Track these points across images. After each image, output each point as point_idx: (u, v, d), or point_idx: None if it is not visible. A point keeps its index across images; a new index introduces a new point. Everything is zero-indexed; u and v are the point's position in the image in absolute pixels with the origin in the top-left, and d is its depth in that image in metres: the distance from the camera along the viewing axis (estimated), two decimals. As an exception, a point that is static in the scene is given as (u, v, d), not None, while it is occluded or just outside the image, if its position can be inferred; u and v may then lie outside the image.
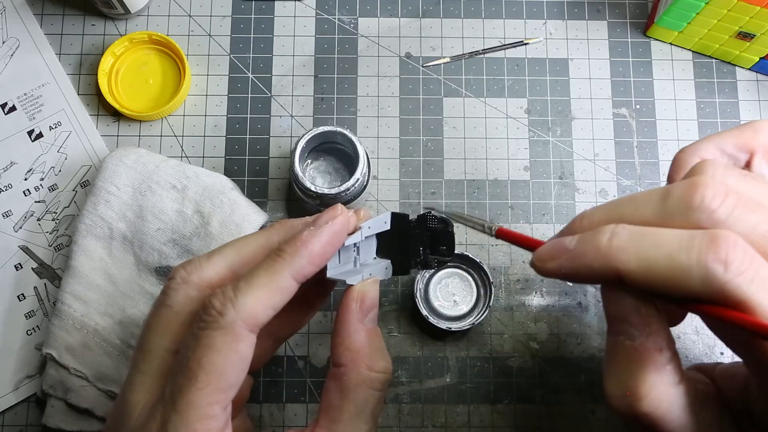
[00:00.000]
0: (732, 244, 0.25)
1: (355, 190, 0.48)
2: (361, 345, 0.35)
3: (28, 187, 0.54)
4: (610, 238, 0.27)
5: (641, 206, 0.28)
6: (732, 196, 0.26)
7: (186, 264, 0.34)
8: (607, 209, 0.29)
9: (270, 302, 0.32)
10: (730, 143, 0.32)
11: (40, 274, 0.53)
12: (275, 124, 0.56)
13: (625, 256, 0.26)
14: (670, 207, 0.27)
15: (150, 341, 0.33)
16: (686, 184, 0.27)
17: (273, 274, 0.32)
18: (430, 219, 0.38)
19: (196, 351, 0.30)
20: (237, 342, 0.30)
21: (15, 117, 0.55)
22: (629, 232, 0.27)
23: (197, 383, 0.30)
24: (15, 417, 0.51)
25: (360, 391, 0.34)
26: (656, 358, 0.28)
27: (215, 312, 0.30)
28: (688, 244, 0.25)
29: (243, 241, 0.36)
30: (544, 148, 0.55)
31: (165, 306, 0.33)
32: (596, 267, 0.27)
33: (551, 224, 0.54)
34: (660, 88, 0.57)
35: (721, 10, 0.51)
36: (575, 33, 0.58)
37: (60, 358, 0.48)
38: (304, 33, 0.57)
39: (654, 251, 0.26)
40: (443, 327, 0.49)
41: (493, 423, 0.51)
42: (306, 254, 0.33)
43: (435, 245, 0.38)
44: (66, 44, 0.57)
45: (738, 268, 0.24)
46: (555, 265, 0.29)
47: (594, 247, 0.27)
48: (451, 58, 0.57)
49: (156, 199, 0.50)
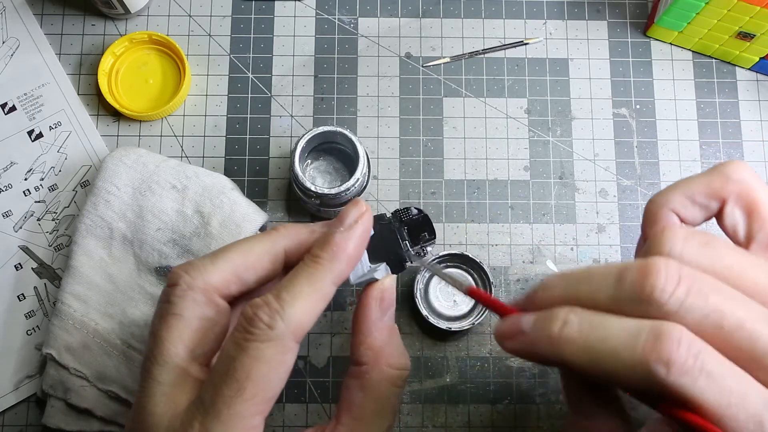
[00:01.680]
0: (675, 343, 0.24)
1: (355, 190, 0.48)
2: (382, 343, 0.35)
3: (28, 187, 0.54)
4: (561, 327, 0.27)
5: (596, 288, 0.27)
6: (685, 282, 0.25)
7: (188, 268, 0.33)
8: (566, 285, 0.28)
9: (314, 311, 0.32)
10: (700, 192, 0.30)
11: (40, 274, 0.53)
12: (275, 124, 0.56)
13: (572, 348, 0.26)
14: (623, 294, 0.26)
15: (164, 352, 0.32)
16: (638, 270, 0.26)
17: (315, 282, 0.32)
18: (402, 212, 0.38)
19: (245, 362, 0.30)
20: (285, 353, 0.30)
21: (15, 117, 0.55)
22: (579, 323, 0.26)
23: (244, 394, 0.29)
24: (15, 417, 0.51)
25: (382, 388, 0.34)
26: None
27: (263, 325, 0.30)
28: (633, 342, 0.25)
29: (247, 245, 0.35)
30: (544, 148, 0.55)
31: (174, 315, 0.33)
32: (548, 355, 0.27)
33: (551, 224, 0.54)
34: (660, 88, 0.57)
35: (721, 10, 0.51)
36: (575, 33, 0.58)
37: (60, 358, 0.48)
38: (304, 33, 0.57)
39: (601, 347, 0.25)
40: (443, 327, 0.49)
41: (493, 423, 0.51)
42: (344, 258, 0.33)
43: (416, 235, 0.38)
44: (66, 44, 0.57)
45: (681, 368, 0.24)
46: (512, 346, 0.29)
47: (546, 335, 0.27)
48: (451, 58, 0.57)
49: (156, 199, 0.50)
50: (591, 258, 0.54)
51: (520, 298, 0.31)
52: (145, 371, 0.33)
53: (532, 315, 0.29)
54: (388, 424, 0.34)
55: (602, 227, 0.54)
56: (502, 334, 0.30)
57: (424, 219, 0.39)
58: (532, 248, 0.54)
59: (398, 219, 0.38)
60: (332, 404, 0.51)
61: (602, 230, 0.54)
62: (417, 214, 0.38)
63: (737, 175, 0.30)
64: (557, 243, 0.54)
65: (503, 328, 0.30)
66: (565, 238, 0.54)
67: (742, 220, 0.29)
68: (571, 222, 0.54)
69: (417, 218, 0.38)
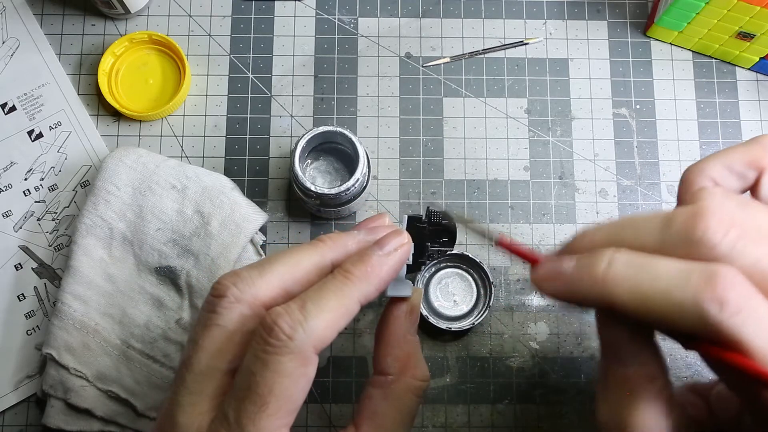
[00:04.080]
0: (729, 283, 0.24)
1: (355, 190, 0.48)
2: (408, 356, 0.36)
3: (28, 187, 0.54)
4: (607, 266, 0.26)
5: (643, 232, 0.27)
6: (735, 228, 0.25)
7: (236, 280, 0.32)
8: (608, 231, 0.28)
9: (337, 325, 0.31)
10: (739, 160, 0.30)
11: (40, 274, 0.53)
12: (275, 124, 0.56)
13: (620, 289, 0.26)
14: (671, 236, 0.26)
15: (201, 361, 0.32)
16: (689, 213, 0.26)
17: (342, 298, 0.31)
18: (435, 215, 0.38)
19: (266, 376, 0.29)
20: (306, 366, 0.30)
21: (15, 117, 0.55)
22: (626, 262, 0.26)
23: (268, 410, 0.29)
24: (15, 417, 0.51)
25: (405, 399, 0.35)
26: (648, 388, 0.27)
27: (284, 336, 0.30)
28: (685, 281, 0.25)
29: (295, 258, 0.34)
30: (544, 148, 0.55)
31: (217, 326, 0.32)
32: (592, 295, 0.27)
33: (551, 224, 0.54)
34: (660, 88, 0.57)
35: (721, 10, 0.51)
36: (575, 33, 0.58)
37: (60, 358, 0.48)
38: (304, 33, 0.57)
39: (650, 285, 0.25)
40: (443, 327, 0.49)
41: (493, 423, 0.51)
42: (376, 281, 0.33)
43: (438, 237, 0.38)
44: (66, 44, 0.57)
45: (734, 308, 0.24)
46: (551, 288, 0.29)
47: (590, 274, 0.27)
48: (451, 58, 0.57)
49: (156, 199, 0.50)
50: (591, 258, 0.54)
51: (556, 251, 0.30)
52: (179, 378, 0.32)
53: (574, 256, 0.28)
54: None
55: (602, 227, 0.54)
56: (541, 276, 0.29)
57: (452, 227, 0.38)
58: (533, 248, 0.54)
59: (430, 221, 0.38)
60: (332, 404, 0.51)
61: (602, 230, 0.54)
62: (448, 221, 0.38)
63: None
64: (557, 243, 0.54)
65: (542, 271, 0.29)
66: (565, 238, 0.54)
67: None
68: (571, 222, 0.54)
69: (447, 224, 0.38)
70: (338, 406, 0.51)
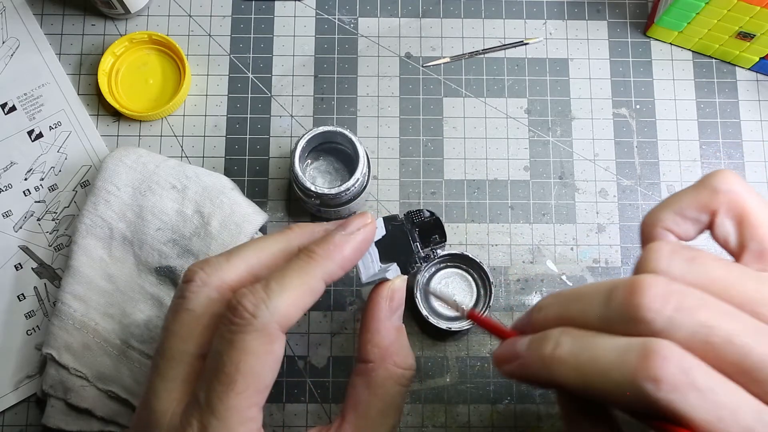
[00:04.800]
0: (663, 359, 0.24)
1: (355, 190, 0.48)
2: (389, 342, 0.36)
3: (28, 187, 0.54)
4: (553, 348, 0.27)
5: (587, 308, 0.27)
6: (672, 298, 0.25)
7: (204, 265, 0.33)
8: (559, 306, 0.29)
9: (301, 303, 0.31)
10: (689, 206, 0.30)
11: (40, 274, 0.53)
12: (275, 124, 0.56)
13: (563, 370, 0.26)
14: (612, 312, 0.26)
15: (173, 346, 0.32)
16: (626, 288, 0.26)
17: (305, 275, 0.32)
18: (415, 214, 0.39)
19: (232, 355, 0.30)
20: (272, 343, 0.30)
21: (15, 117, 0.55)
22: (571, 344, 0.27)
23: (236, 388, 0.29)
24: (15, 417, 0.51)
25: (388, 386, 0.35)
26: None
27: (248, 314, 0.30)
28: (621, 360, 0.25)
29: (262, 243, 0.35)
30: (544, 148, 0.55)
31: (186, 310, 0.32)
32: (542, 377, 0.27)
33: (551, 224, 0.54)
34: (660, 88, 0.57)
35: (721, 10, 0.51)
36: (575, 33, 0.58)
37: (60, 358, 0.48)
38: (304, 33, 0.57)
39: (591, 366, 0.25)
40: (443, 327, 0.49)
41: (493, 423, 0.51)
42: (339, 258, 0.33)
43: (427, 237, 0.39)
44: (66, 44, 0.57)
45: (670, 385, 0.23)
46: (508, 370, 0.29)
47: (539, 357, 0.27)
48: (451, 58, 0.57)
49: (156, 199, 0.50)
50: (591, 258, 0.54)
51: (519, 320, 0.31)
52: (153, 365, 0.33)
53: (527, 338, 0.29)
54: (392, 423, 0.35)
55: (602, 227, 0.54)
56: (499, 358, 0.30)
57: (435, 221, 0.39)
58: (532, 248, 0.54)
59: (410, 220, 0.39)
60: (332, 404, 0.51)
61: (602, 230, 0.54)
62: (429, 217, 0.39)
63: (725, 185, 0.29)
64: (557, 243, 0.54)
65: (500, 352, 0.30)
66: (565, 238, 0.54)
67: (733, 230, 0.29)
68: (571, 222, 0.54)
69: (428, 220, 0.39)
70: (338, 406, 0.51)
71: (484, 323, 0.34)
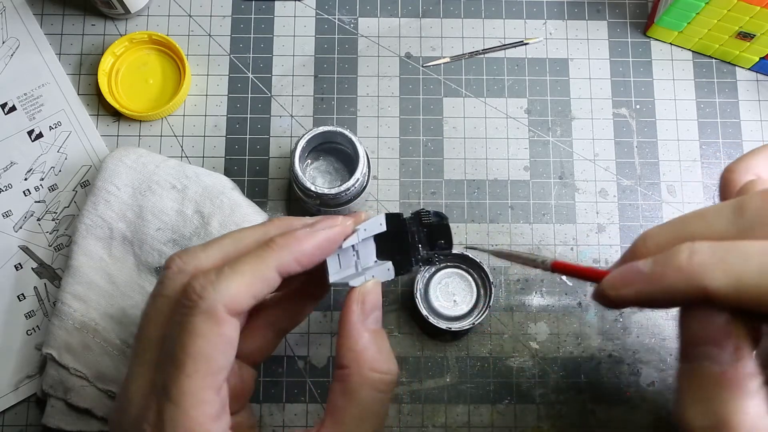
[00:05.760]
0: None
1: (355, 190, 0.48)
2: (363, 346, 0.34)
3: (28, 187, 0.54)
4: (690, 255, 0.25)
5: (714, 221, 0.26)
6: None
7: (182, 253, 0.34)
8: (673, 228, 0.27)
9: (251, 290, 0.32)
10: None
11: (40, 274, 0.53)
12: (275, 124, 0.56)
13: (711, 274, 0.25)
14: (747, 219, 0.25)
15: (147, 331, 0.33)
16: (762, 196, 0.25)
17: (259, 263, 0.32)
18: (424, 215, 0.38)
19: (181, 337, 0.30)
20: (220, 326, 0.30)
21: (15, 117, 0.55)
22: (711, 248, 0.25)
23: (185, 370, 0.30)
24: (15, 417, 0.51)
25: (363, 392, 0.34)
26: (748, 385, 0.26)
27: (195, 296, 0.30)
28: None
29: (240, 234, 0.35)
30: (544, 148, 0.55)
31: (161, 296, 0.33)
32: (679, 288, 0.26)
33: (551, 224, 0.54)
34: (660, 88, 0.57)
35: (721, 10, 0.51)
36: (575, 33, 0.58)
37: (60, 358, 0.48)
38: (304, 33, 0.57)
39: (743, 265, 0.24)
40: (443, 327, 0.49)
41: (493, 423, 0.51)
42: (296, 251, 0.33)
43: (433, 240, 0.38)
44: (66, 44, 0.57)
45: None
46: (632, 291, 0.27)
47: (674, 267, 0.26)
48: (451, 58, 0.57)
49: (156, 199, 0.50)
50: (591, 258, 0.54)
51: (617, 263, 0.29)
52: (132, 349, 0.33)
53: (648, 259, 0.27)
54: (372, 429, 0.34)
55: (602, 227, 0.54)
56: (613, 283, 0.28)
57: (445, 226, 0.38)
58: (532, 248, 0.54)
59: (418, 221, 0.38)
60: (332, 404, 0.51)
61: (602, 230, 0.54)
62: (439, 220, 0.38)
63: None
64: (557, 243, 0.54)
65: (615, 278, 0.28)
66: (565, 238, 0.54)
67: None
68: (571, 222, 0.54)
69: (439, 223, 0.38)
70: (338, 406, 0.51)
71: (573, 271, 0.32)
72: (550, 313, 0.52)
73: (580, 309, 0.53)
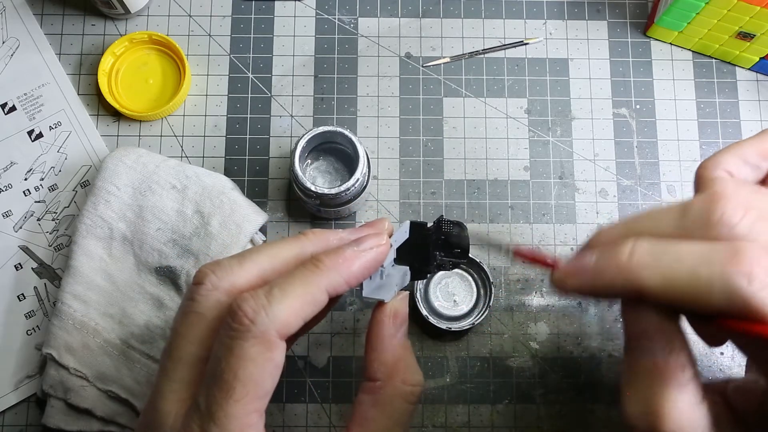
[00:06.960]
0: (755, 258, 0.24)
1: (355, 190, 0.48)
2: (395, 360, 0.35)
3: (28, 187, 0.54)
4: (630, 253, 0.27)
5: (660, 221, 0.27)
6: (752, 209, 0.26)
7: (215, 267, 0.33)
8: (625, 224, 0.29)
9: (302, 313, 0.31)
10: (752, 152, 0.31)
11: (40, 274, 0.53)
12: (275, 124, 0.56)
13: (646, 272, 0.26)
14: (689, 222, 0.27)
15: (180, 348, 0.32)
16: (705, 199, 0.27)
17: (309, 285, 0.31)
18: (446, 224, 0.38)
19: (231, 362, 0.29)
20: (271, 351, 0.30)
21: (15, 117, 0.55)
22: (649, 247, 0.27)
23: (234, 395, 0.29)
24: (15, 417, 0.51)
25: (395, 404, 0.34)
26: (679, 377, 0.27)
27: (247, 320, 0.30)
28: (710, 258, 0.25)
29: (276, 248, 0.34)
30: (544, 148, 0.55)
31: (195, 313, 0.32)
32: (617, 284, 0.27)
33: (551, 224, 0.54)
34: (660, 88, 0.57)
35: (721, 10, 0.51)
36: (575, 33, 0.58)
37: (60, 358, 0.48)
38: (304, 33, 0.57)
39: (675, 266, 0.26)
40: (443, 327, 0.49)
41: (493, 423, 0.51)
42: (346, 273, 0.33)
43: (450, 248, 0.38)
44: (66, 44, 0.57)
45: (762, 282, 0.24)
46: (576, 282, 0.29)
47: (614, 263, 0.27)
48: (451, 58, 0.57)
49: (156, 199, 0.50)
50: (591, 258, 0.54)
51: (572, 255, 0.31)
52: (161, 366, 0.32)
53: (595, 250, 0.28)
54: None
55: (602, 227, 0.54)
56: (563, 274, 0.29)
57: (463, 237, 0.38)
58: (532, 248, 0.54)
59: (439, 229, 0.38)
60: (332, 404, 0.51)
61: (602, 230, 0.54)
62: (459, 230, 0.38)
63: None
64: (557, 243, 0.54)
65: (564, 269, 0.30)
66: (565, 238, 0.54)
67: None
68: (571, 222, 0.54)
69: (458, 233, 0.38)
70: (338, 406, 0.51)
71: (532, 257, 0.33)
72: (550, 313, 0.52)
73: (580, 309, 0.53)
